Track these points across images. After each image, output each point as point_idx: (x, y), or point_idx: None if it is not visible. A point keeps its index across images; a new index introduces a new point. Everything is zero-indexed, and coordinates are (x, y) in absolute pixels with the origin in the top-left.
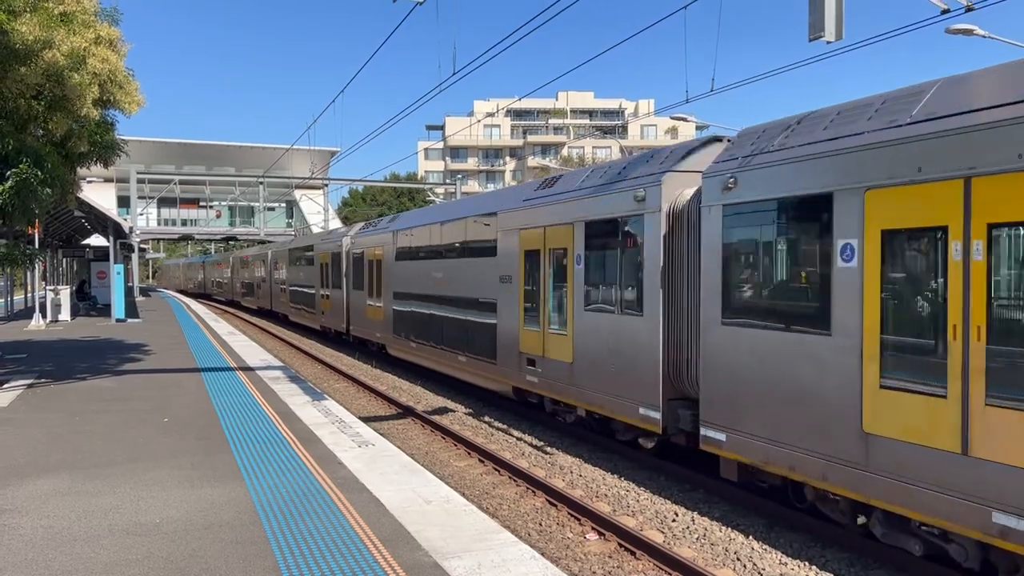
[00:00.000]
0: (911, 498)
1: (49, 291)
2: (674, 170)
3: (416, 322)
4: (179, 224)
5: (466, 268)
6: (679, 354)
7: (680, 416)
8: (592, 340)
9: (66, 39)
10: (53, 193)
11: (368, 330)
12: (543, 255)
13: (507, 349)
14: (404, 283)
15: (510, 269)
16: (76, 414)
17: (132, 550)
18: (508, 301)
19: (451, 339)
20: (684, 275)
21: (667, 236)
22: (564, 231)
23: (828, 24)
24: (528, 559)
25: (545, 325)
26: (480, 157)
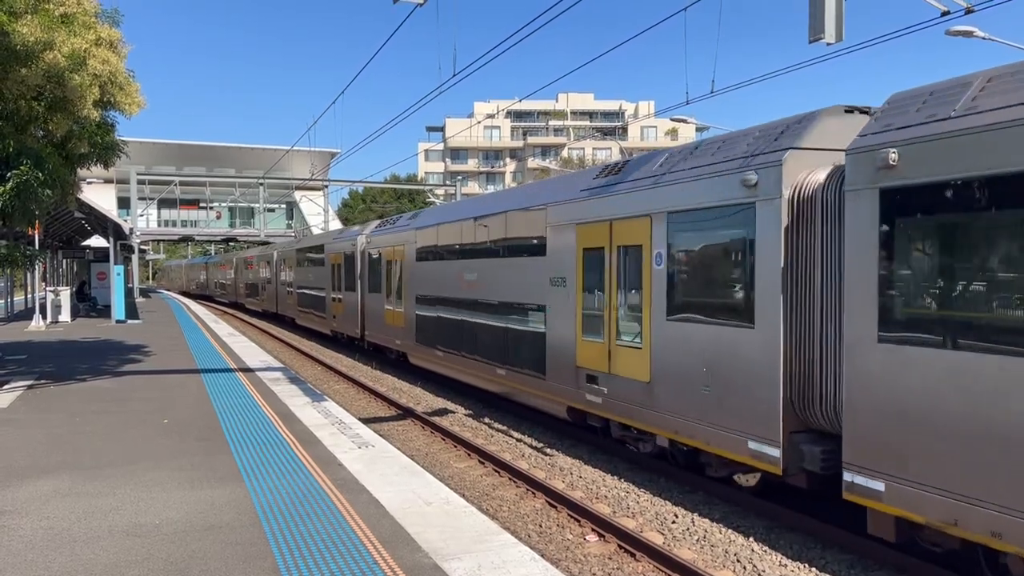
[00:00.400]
0: None
1: (49, 292)
2: (798, 147)
3: (444, 329)
4: (179, 225)
5: (506, 269)
6: (806, 376)
7: (804, 453)
8: (678, 356)
9: (67, 40)
10: (53, 194)
11: (386, 337)
12: (609, 253)
13: (560, 362)
14: (429, 286)
15: (564, 270)
16: (76, 415)
17: (132, 551)
18: (561, 307)
19: (487, 349)
20: (815, 278)
21: (789, 229)
22: (638, 225)
23: (828, 26)
24: (528, 560)
25: (611, 336)
26: (480, 158)
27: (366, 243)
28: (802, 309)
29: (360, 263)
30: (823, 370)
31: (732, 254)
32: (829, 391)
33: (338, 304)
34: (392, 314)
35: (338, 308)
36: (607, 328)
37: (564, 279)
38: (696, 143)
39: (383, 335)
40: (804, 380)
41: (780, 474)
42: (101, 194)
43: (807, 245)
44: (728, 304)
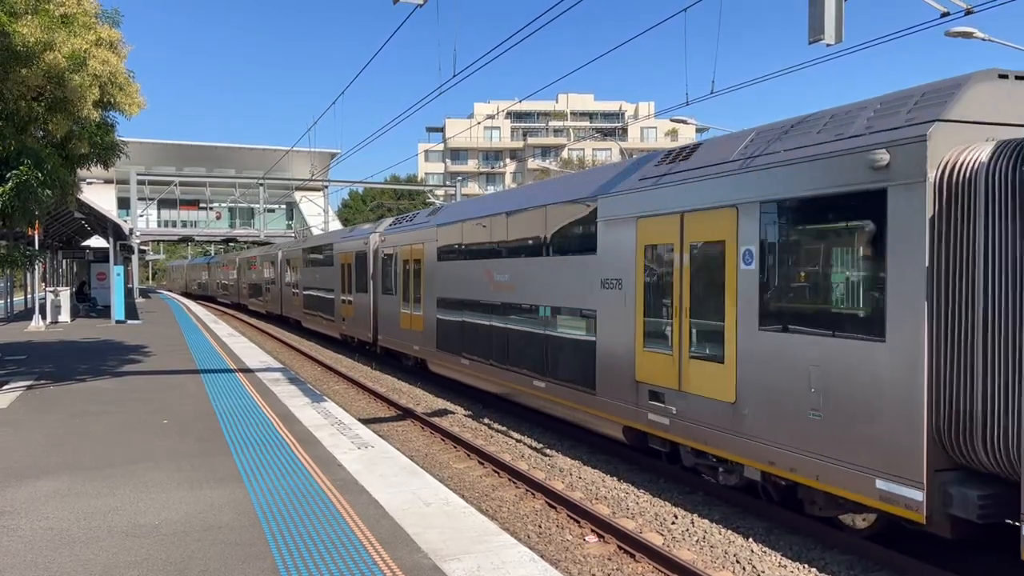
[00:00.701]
0: None
1: (49, 292)
2: (946, 119)
3: (470, 335)
4: (179, 226)
5: (546, 269)
6: (961, 404)
7: (954, 497)
8: (774, 373)
9: (67, 41)
10: (53, 195)
11: (402, 342)
12: (680, 251)
13: (614, 376)
14: (452, 287)
15: (620, 270)
16: (76, 416)
17: (131, 552)
18: (616, 312)
19: (522, 358)
20: (976, 281)
21: (937, 220)
22: (720, 217)
23: (828, 27)
24: (527, 561)
25: (683, 347)
26: (480, 159)
27: (379, 242)
28: (956, 319)
29: (373, 263)
30: (989, 398)
31: (852, 252)
32: (998, 424)
33: (348, 306)
34: (409, 318)
35: (348, 311)
36: (677, 338)
37: (619, 280)
38: (795, 119)
39: (398, 340)
40: (958, 408)
41: (923, 521)
42: (101, 194)
43: (964, 239)
44: (846, 312)
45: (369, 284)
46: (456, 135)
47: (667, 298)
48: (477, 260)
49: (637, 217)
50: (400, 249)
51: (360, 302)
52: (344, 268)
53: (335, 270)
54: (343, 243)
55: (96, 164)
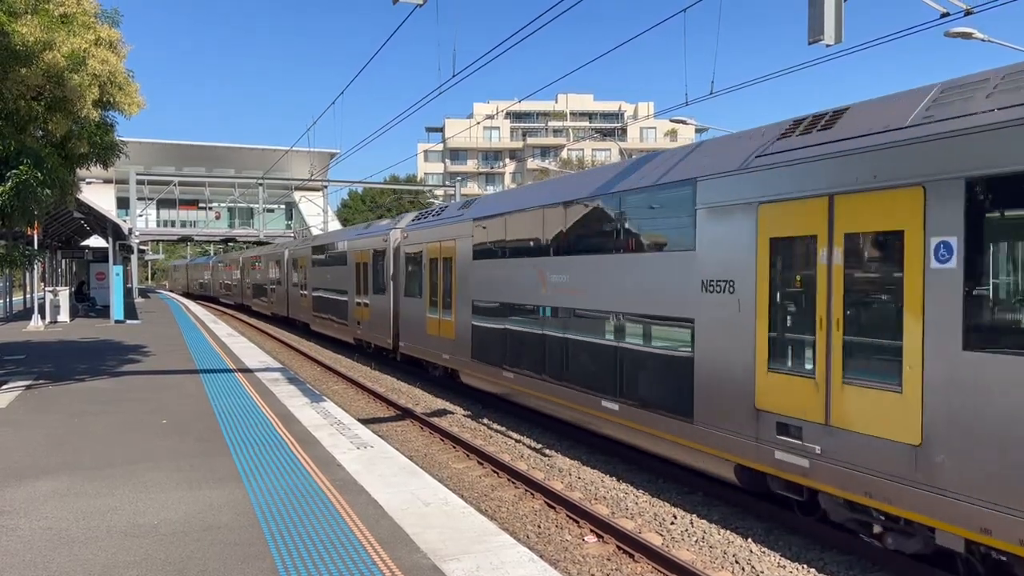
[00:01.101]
0: None
1: (48, 292)
2: None
3: (515, 345)
4: (178, 226)
5: (622, 269)
6: None
7: None
8: (990, 409)
9: (66, 40)
10: (53, 194)
11: (429, 349)
12: (828, 244)
13: (722, 401)
14: (492, 289)
15: (731, 269)
16: (75, 415)
17: (130, 551)
18: (724, 322)
19: (586, 374)
20: None
21: None
22: (897, 200)
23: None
24: (527, 561)
25: (833, 369)
26: (480, 159)
27: (401, 239)
28: None
29: (393, 262)
30: None
31: None
32: None
33: (363, 309)
34: (437, 323)
35: (363, 314)
36: (823, 357)
37: (729, 283)
38: (1003, 70)
39: (424, 347)
40: None
41: None
42: (100, 194)
43: None
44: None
45: (388, 285)
46: (455, 135)
47: (806, 305)
48: (526, 259)
49: (758, 203)
50: (427, 247)
51: (378, 305)
52: (359, 268)
53: (348, 270)
54: (358, 241)
55: (95, 164)
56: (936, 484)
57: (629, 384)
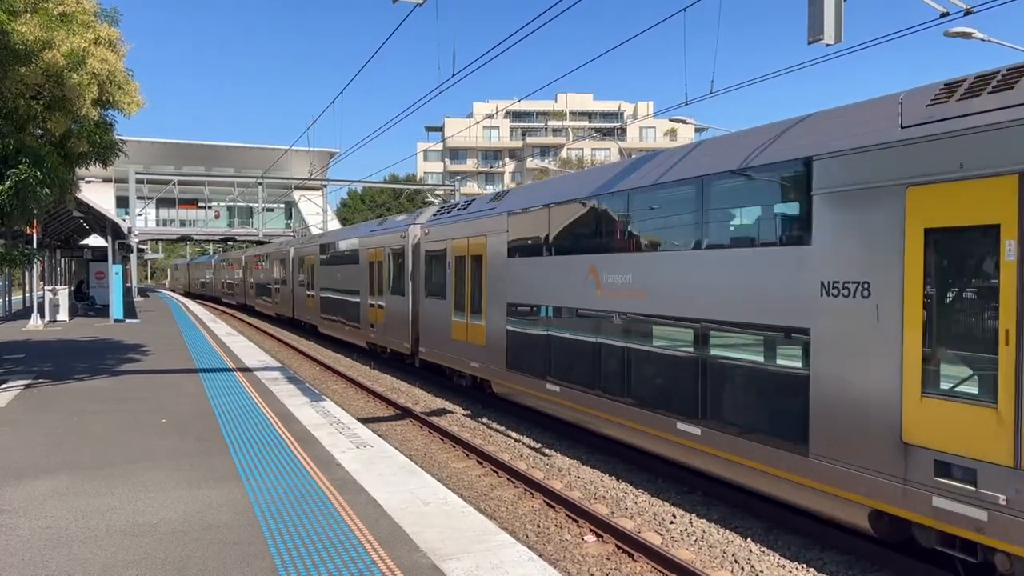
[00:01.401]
0: None
1: (47, 291)
2: None
3: (562, 354)
4: (177, 225)
5: (706, 268)
6: None
7: None
8: None
9: (66, 39)
10: (52, 193)
11: (454, 356)
12: (1014, 236)
13: (851, 430)
14: (534, 291)
15: (865, 268)
16: (74, 415)
17: (130, 551)
18: (856, 333)
19: (655, 391)
20: None
21: None
22: None
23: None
24: (526, 561)
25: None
26: (479, 158)
27: (422, 235)
28: None
29: (412, 260)
30: None
31: None
32: None
33: (378, 311)
34: (465, 328)
35: (378, 316)
36: (1009, 381)
37: (863, 285)
38: None
39: (449, 354)
40: None
41: None
42: (99, 193)
43: None
44: None
45: (407, 285)
46: (455, 134)
47: (981, 314)
48: (575, 256)
49: (906, 185)
50: (451, 243)
51: (395, 307)
52: (373, 267)
53: (361, 269)
54: (372, 238)
55: (95, 163)
56: None
57: (714, 405)
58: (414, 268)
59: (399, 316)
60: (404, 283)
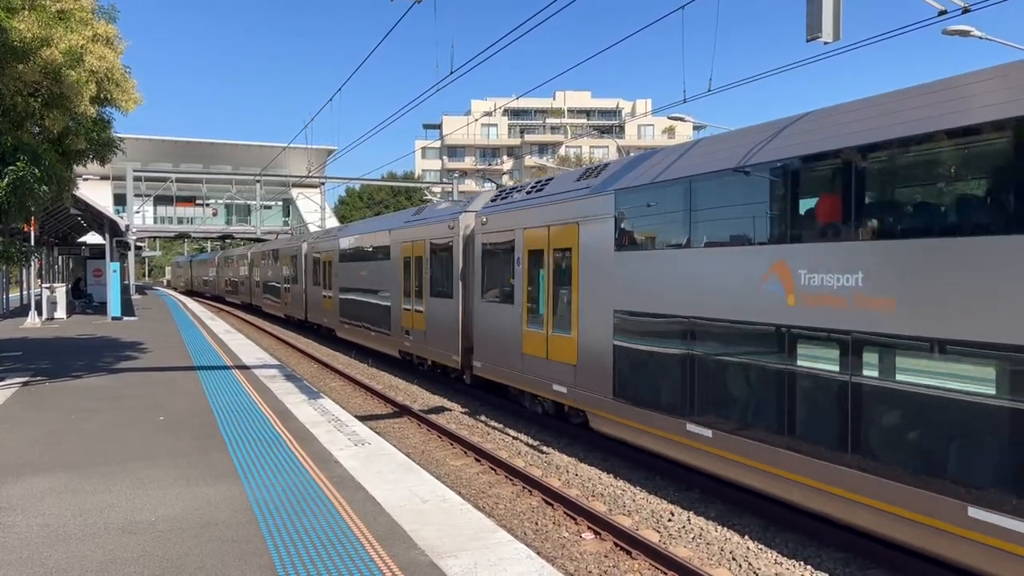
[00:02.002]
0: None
1: (45, 289)
2: None
3: (720, 385)
4: (175, 222)
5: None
6: None
7: None
8: None
9: (63, 36)
10: (50, 191)
11: (528, 376)
12: None
13: None
14: (664, 295)
15: None
16: (71, 412)
17: (127, 548)
18: None
19: (910, 452)
20: None
21: None
22: None
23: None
24: (524, 558)
25: None
26: (477, 156)
27: (477, 225)
28: None
29: (464, 256)
30: None
31: None
32: None
33: (415, 316)
34: (544, 341)
35: (415, 321)
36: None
37: None
38: None
39: (518, 372)
40: None
41: None
42: (97, 191)
43: None
44: None
45: (455, 286)
46: (453, 132)
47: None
48: (745, 248)
49: None
50: (523, 234)
51: (438, 311)
52: (409, 264)
53: (392, 266)
54: (408, 230)
55: (92, 160)
56: None
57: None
58: (466, 265)
59: (444, 323)
60: (452, 283)
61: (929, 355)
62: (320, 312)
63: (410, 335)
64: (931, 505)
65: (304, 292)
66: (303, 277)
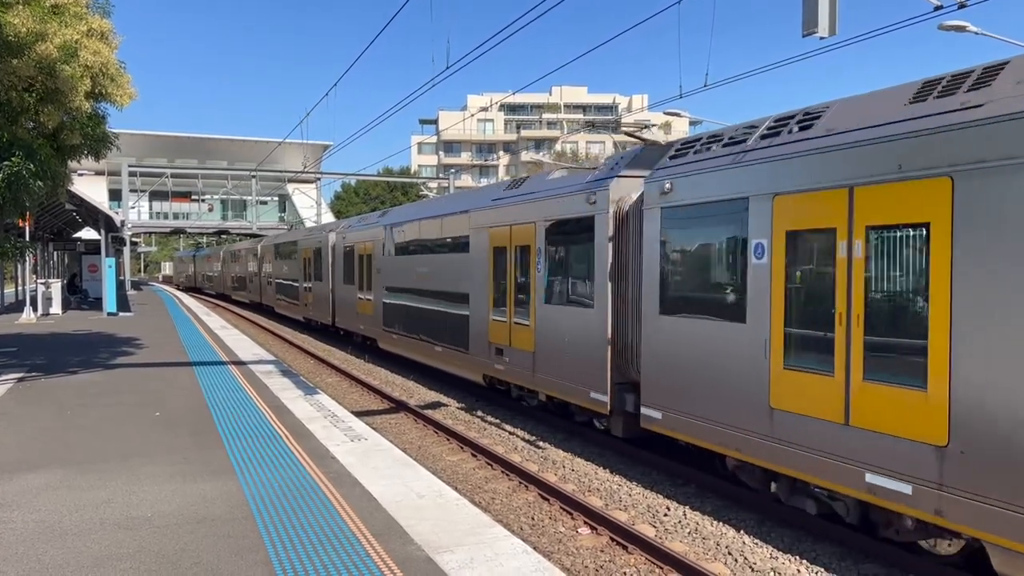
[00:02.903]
0: None
1: (40, 284)
2: None
3: None
4: (171, 218)
5: None
6: None
7: None
8: None
9: (58, 31)
10: (45, 186)
11: (782, 443)
12: None
13: None
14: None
15: None
16: (67, 408)
17: (123, 544)
18: None
19: None
20: None
21: None
22: None
23: (822, 20)
24: (520, 553)
25: None
26: (474, 151)
27: (655, 194)
28: None
29: (619, 243)
30: None
31: None
32: None
33: (516, 331)
34: (839, 393)
35: (515, 337)
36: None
37: None
38: None
39: (756, 432)
40: None
41: None
42: (92, 186)
43: None
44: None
45: (599, 289)
46: (449, 127)
47: None
48: None
49: None
50: (778, 203)
51: (563, 325)
52: (504, 257)
53: (473, 260)
54: (502, 209)
55: (87, 156)
56: None
57: None
58: (624, 256)
59: (574, 343)
60: (591, 284)
61: None
62: (353, 317)
63: (505, 356)
64: None
65: (331, 292)
66: (330, 274)
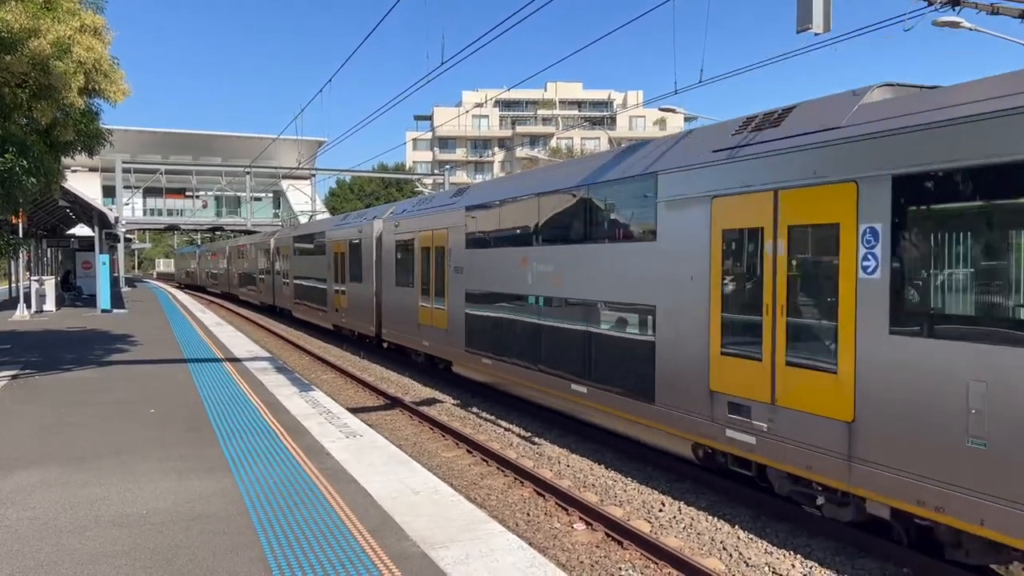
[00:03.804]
0: None
1: (34, 281)
2: None
3: None
4: (165, 214)
5: None
6: None
7: None
8: None
9: (51, 27)
10: (38, 182)
11: None
12: None
13: None
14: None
15: None
16: (61, 405)
17: (118, 541)
18: None
19: None
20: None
21: None
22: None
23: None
24: (515, 549)
25: None
26: (469, 148)
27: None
28: None
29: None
30: None
31: None
32: None
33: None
34: None
35: (745, 374)
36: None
37: None
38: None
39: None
40: None
41: None
42: (86, 183)
43: None
44: None
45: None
46: (444, 123)
47: None
48: None
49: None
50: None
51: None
52: (742, 243)
53: (672, 255)
54: (729, 166)
55: (81, 152)
56: None
57: None
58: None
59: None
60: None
61: None
62: (412, 330)
63: (753, 419)
64: None
65: (375, 296)
66: (373, 273)
